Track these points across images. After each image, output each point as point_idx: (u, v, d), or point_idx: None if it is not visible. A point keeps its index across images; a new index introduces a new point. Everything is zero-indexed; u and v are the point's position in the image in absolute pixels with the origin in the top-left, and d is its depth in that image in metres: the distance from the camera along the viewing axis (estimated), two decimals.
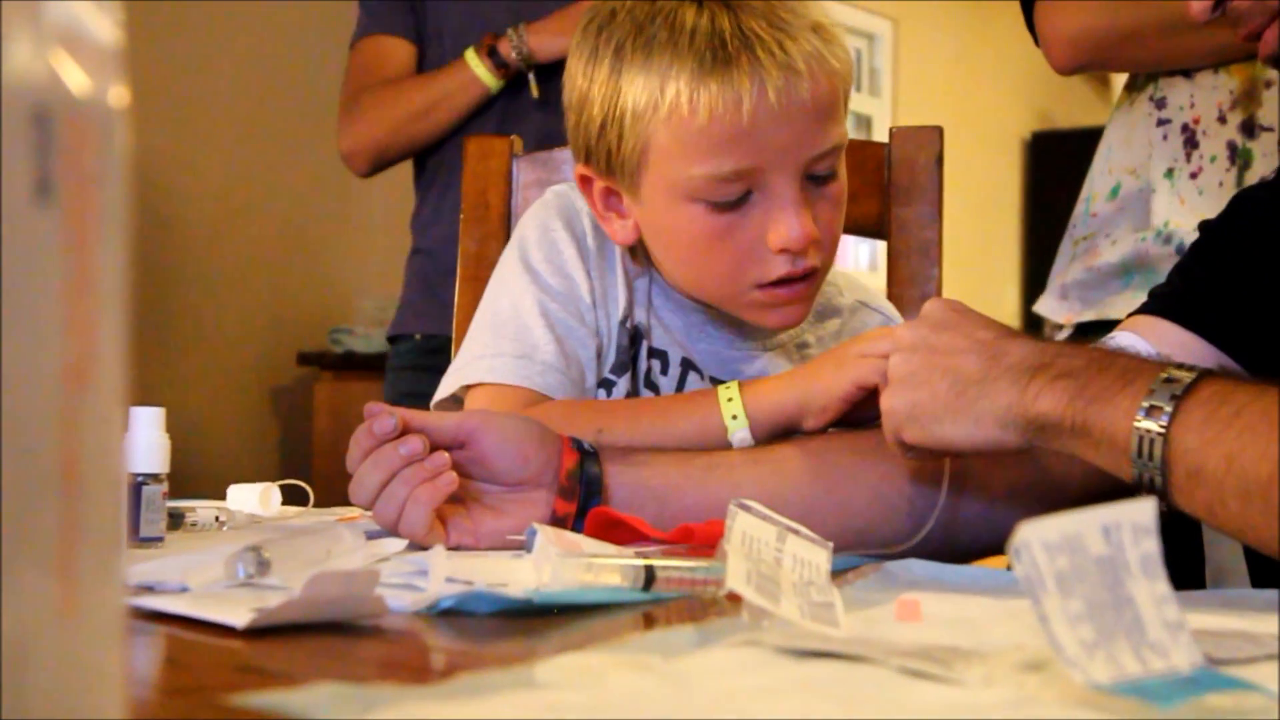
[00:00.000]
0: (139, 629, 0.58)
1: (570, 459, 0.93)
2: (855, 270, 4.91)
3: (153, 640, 0.57)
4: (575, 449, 0.94)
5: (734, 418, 1.02)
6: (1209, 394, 0.72)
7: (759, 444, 1.01)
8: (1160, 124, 1.52)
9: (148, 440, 0.90)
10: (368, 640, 0.57)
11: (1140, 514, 0.45)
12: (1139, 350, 0.90)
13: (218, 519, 1.00)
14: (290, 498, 1.14)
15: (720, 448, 1.01)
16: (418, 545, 0.84)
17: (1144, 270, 1.51)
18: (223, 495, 1.11)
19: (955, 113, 5.57)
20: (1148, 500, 0.45)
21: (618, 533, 0.89)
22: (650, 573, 0.67)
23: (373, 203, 3.42)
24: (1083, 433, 0.77)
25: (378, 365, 2.20)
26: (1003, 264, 6.36)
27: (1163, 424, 0.72)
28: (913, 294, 1.34)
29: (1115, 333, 0.99)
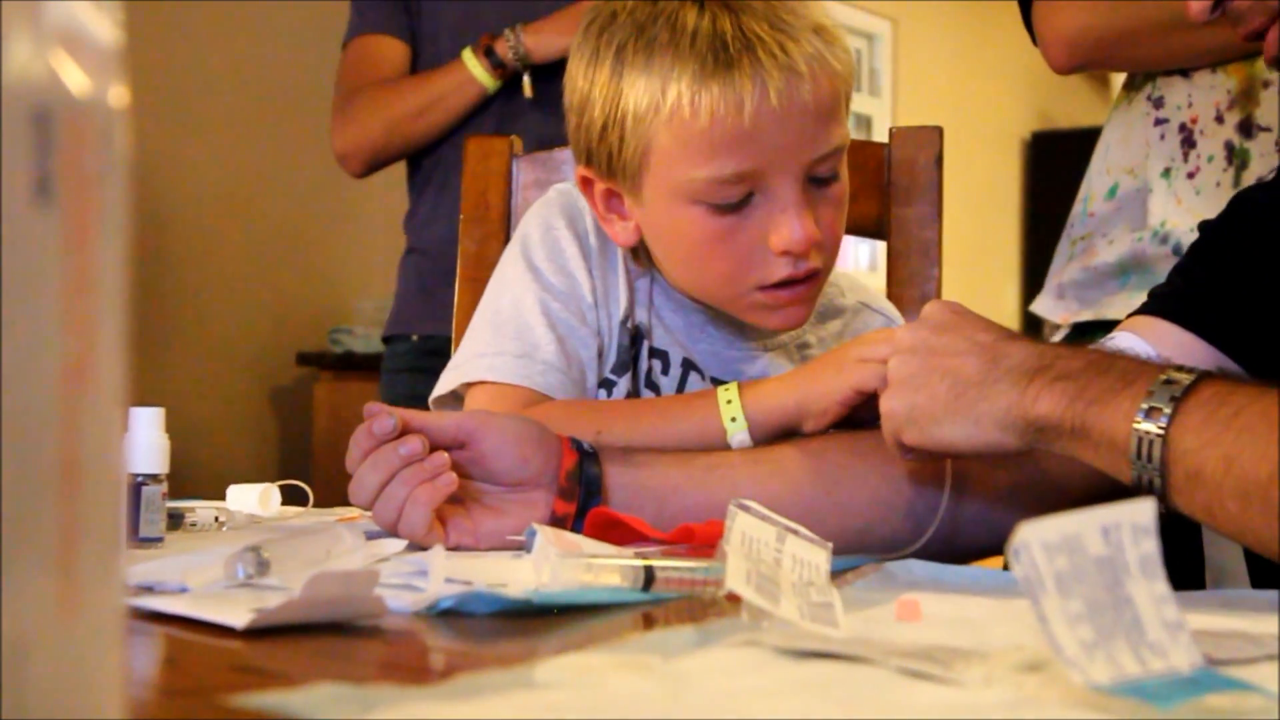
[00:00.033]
0: (139, 629, 0.58)
1: (570, 459, 0.93)
2: (855, 270, 4.90)
3: (152, 640, 0.57)
4: (575, 449, 0.94)
5: (733, 420, 1.01)
6: (1208, 396, 0.72)
7: (758, 445, 1.01)
8: (1158, 123, 1.51)
9: (148, 440, 0.90)
10: (367, 640, 0.57)
11: (1139, 514, 0.45)
12: (1138, 351, 0.90)
13: (217, 519, 1.00)
14: (290, 498, 1.14)
15: (720, 449, 1.01)
16: (417, 546, 0.84)
17: (1141, 270, 1.51)
18: (222, 495, 1.11)
19: (955, 113, 5.57)
20: (1147, 501, 0.45)
21: (617, 533, 0.89)
22: (650, 573, 0.67)
23: (372, 203, 3.42)
24: (1082, 434, 0.77)
25: (377, 365, 2.19)
26: (1003, 264, 6.36)
27: (1162, 426, 0.72)
28: (912, 294, 1.34)
29: (1115, 333, 0.99)
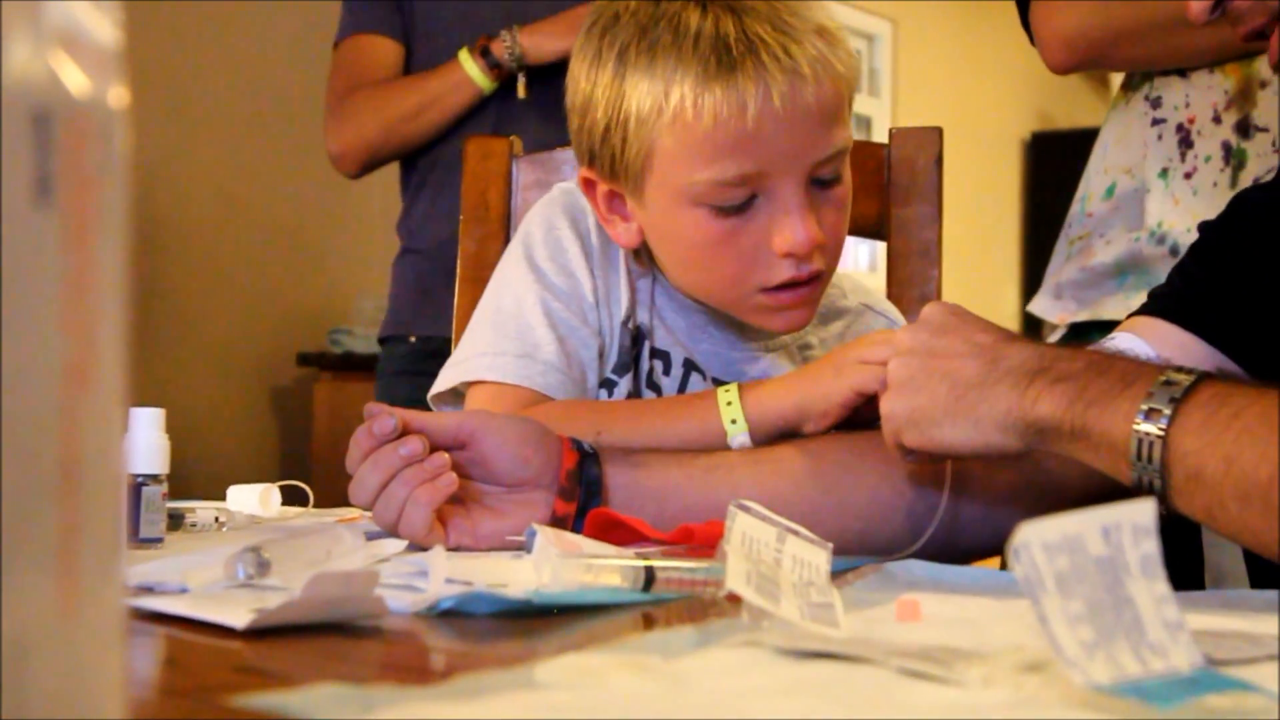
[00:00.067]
0: (139, 629, 0.58)
1: (570, 460, 0.93)
2: (854, 271, 4.90)
3: (152, 641, 0.57)
4: (575, 450, 0.94)
5: (733, 422, 1.01)
6: (1208, 397, 0.72)
7: (759, 446, 1.01)
8: (1155, 123, 1.51)
9: (148, 441, 0.90)
10: (368, 641, 0.57)
11: (1140, 514, 0.45)
12: (1138, 352, 0.90)
13: (217, 520, 1.00)
14: (290, 498, 1.14)
15: (720, 449, 1.01)
16: (417, 546, 0.84)
17: (1138, 270, 1.51)
18: (222, 496, 1.11)
19: (955, 113, 5.58)
20: (1147, 501, 0.45)
21: (617, 533, 0.89)
22: (650, 573, 0.67)
23: (372, 203, 3.42)
24: (1082, 436, 0.77)
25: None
26: (1002, 264, 6.36)
27: (1162, 427, 0.72)
28: (912, 295, 1.34)
29: (1114, 334, 0.99)
